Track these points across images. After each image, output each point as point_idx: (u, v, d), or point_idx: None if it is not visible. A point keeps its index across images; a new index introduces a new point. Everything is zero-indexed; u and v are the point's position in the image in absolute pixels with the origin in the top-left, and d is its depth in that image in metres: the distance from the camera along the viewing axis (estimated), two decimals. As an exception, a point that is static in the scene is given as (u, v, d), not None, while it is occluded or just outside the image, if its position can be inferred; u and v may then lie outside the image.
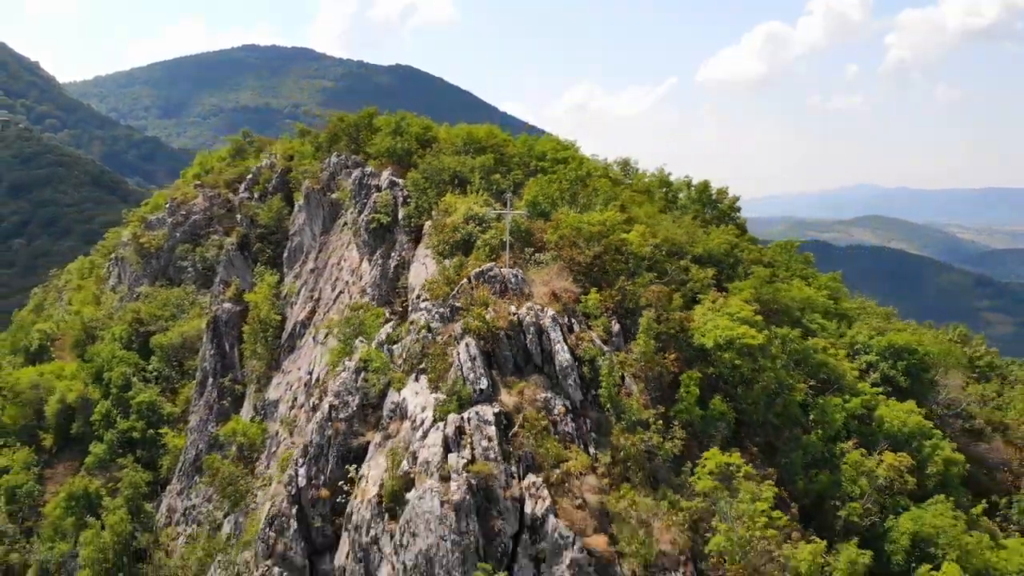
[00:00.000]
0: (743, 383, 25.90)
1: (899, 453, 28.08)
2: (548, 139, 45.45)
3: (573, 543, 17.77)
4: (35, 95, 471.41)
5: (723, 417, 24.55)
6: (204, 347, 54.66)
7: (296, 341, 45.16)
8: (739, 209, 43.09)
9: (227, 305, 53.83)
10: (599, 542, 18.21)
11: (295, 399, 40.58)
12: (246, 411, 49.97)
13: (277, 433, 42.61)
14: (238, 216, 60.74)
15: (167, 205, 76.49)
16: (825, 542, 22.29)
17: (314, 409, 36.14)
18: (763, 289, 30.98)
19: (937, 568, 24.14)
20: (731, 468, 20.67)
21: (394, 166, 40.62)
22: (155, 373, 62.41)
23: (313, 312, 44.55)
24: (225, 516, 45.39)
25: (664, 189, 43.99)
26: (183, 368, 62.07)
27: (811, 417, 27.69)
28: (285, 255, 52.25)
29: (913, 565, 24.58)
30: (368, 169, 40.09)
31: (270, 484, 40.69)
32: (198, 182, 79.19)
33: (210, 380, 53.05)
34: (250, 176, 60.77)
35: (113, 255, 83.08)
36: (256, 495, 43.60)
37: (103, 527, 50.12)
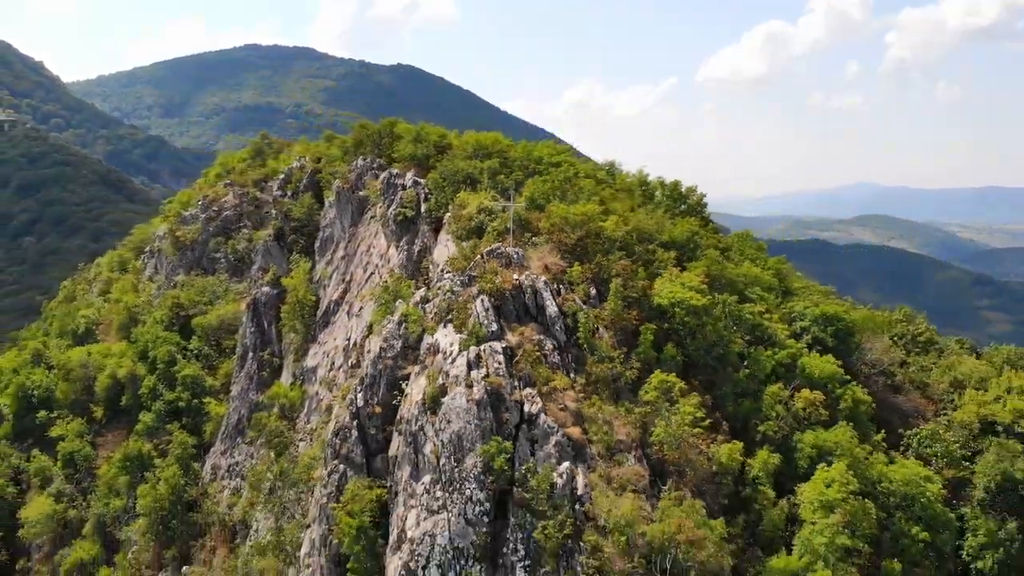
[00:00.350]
0: (690, 335, 34.57)
1: (814, 391, 36.71)
2: (544, 145, 54.08)
3: (557, 431, 26.28)
4: (40, 95, 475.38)
5: (673, 359, 33.21)
6: (244, 326, 63.02)
7: (331, 317, 53.80)
8: (705, 205, 51.80)
9: (265, 289, 62.43)
10: (575, 432, 26.75)
11: (333, 363, 49.15)
12: (285, 378, 58.55)
13: (317, 393, 51.25)
14: (272, 211, 69.41)
15: (199, 202, 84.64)
16: (743, 444, 30.92)
17: (353, 367, 44.77)
18: (713, 267, 39.65)
19: (832, 470, 32.58)
20: (669, 384, 29.26)
21: (416, 168, 49.29)
22: (195, 351, 70.52)
23: (345, 292, 53.17)
24: (268, 468, 53.79)
25: (643, 188, 52.64)
26: (221, 347, 70.17)
27: (745, 363, 36.30)
28: (317, 245, 60.93)
29: (815, 469, 33.07)
30: (395, 171, 48.76)
31: (312, 434, 49.38)
32: (227, 181, 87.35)
33: (250, 354, 61.46)
34: (282, 176, 69.47)
35: (148, 248, 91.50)
36: (298, 445, 52.26)
37: (158, 481, 58.23)
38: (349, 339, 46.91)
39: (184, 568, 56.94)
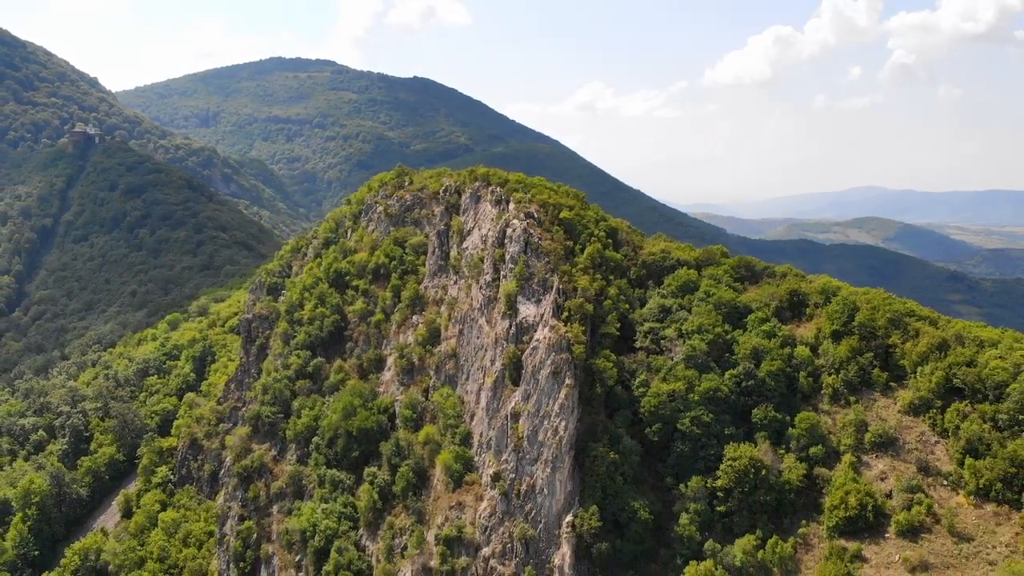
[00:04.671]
0: (568, 223, 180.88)
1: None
2: (539, 180, 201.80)
3: (534, 234, 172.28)
4: (104, 109, 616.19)
5: (563, 228, 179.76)
6: (432, 240, 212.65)
7: (471, 232, 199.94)
8: (585, 195, 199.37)
9: (442, 227, 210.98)
10: (538, 233, 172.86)
11: (477, 243, 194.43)
12: (453, 255, 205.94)
13: (470, 254, 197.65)
14: (437, 199, 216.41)
15: (393, 196, 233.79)
16: (574, 243, 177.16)
17: (484, 242, 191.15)
18: (578, 211, 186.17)
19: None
20: (561, 232, 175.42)
21: (500, 186, 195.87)
22: (410, 252, 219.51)
23: (475, 224, 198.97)
24: (447, 275, 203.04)
25: (566, 191, 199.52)
26: (417, 252, 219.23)
27: (586, 231, 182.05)
28: (461, 210, 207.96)
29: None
30: (492, 185, 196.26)
31: (470, 262, 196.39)
32: (402, 187, 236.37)
33: (436, 249, 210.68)
34: (445, 188, 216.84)
35: (366, 216, 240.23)
36: (463, 269, 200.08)
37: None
38: (483, 235, 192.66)
39: (423, 312, 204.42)
